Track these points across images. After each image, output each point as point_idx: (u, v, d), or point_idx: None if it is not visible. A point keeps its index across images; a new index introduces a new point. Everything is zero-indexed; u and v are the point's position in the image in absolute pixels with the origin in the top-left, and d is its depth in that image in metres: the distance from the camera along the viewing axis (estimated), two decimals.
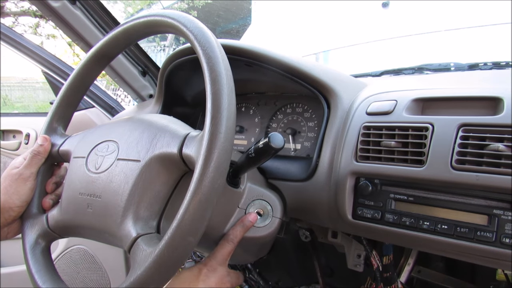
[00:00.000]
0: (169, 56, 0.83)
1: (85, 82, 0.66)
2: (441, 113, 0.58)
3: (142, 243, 0.45)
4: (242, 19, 6.65)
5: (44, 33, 4.81)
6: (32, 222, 0.59)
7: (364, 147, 0.62)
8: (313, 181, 0.67)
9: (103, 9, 1.05)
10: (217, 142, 0.42)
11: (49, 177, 0.64)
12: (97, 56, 0.63)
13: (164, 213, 0.51)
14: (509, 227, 0.50)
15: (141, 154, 0.50)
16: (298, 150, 0.81)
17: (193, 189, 0.41)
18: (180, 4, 6.51)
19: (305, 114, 0.83)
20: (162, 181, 0.51)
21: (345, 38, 1.79)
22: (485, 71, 0.87)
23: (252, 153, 0.54)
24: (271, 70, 0.73)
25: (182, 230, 0.41)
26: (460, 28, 1.35)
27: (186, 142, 0.48)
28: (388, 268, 0.78)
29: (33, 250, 0.57)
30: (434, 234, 0.55)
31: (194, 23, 0.49)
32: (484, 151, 0.51)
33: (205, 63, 0.46)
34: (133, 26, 0.57)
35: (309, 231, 0.85)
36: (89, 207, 0.53)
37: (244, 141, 0.91)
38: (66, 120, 0.67)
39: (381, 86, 0.72)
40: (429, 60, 1.01)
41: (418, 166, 0.56)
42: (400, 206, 0.59)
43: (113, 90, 4.90)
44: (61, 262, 1.39)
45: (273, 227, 0.62)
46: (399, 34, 1.50)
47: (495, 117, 0.52)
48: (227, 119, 0.43)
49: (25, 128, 1.44)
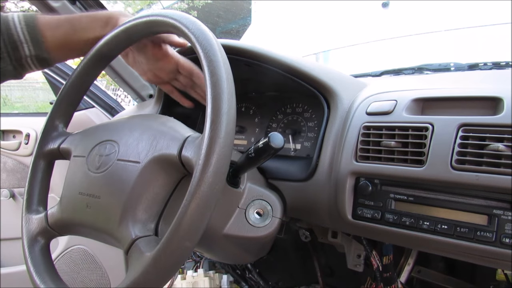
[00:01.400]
0: None
1: (85, 82, 0.66)
2: (441, 113, 0.58)
3: (140, 246, 0.45)
4: (242, 19, 6.66)
5: None
6: (32, 219, 0.59)
7: (364, 147, 0.62)
8: (313, 181, 0.67)
9: (103, 9, 1.05)
10: (216, 147, 0.41)
11: (50, 174, 0.64)
12: (97, 56, 0.63)
13: (162, 216, 0.51)
14: (509, 227, 0.50)
15: (141, 156, 0.50)
16: (298, 150, 0.81)
17: (191, 194, 0.41)
18: (180, 4, 6.52)
19: (305, 114, 0.83)
20: (160, 183, 0.50)
21: (345, 38, 1.79)
22: (485, 71, 0.87)
23: (252, 153, 0.54)
24: (271, 70, 0.73)
25: (179, 234, 0.41)
26: (460, 28, 1.35)
27: (185, 145, 0.48)
28: (388, 268, 0.78)
29: (32, 247, 0.57)
30: (434, 234, 0.55)
31: (195, 24, 0.49)
32: (484, 151, 0.51)
33: (206, 66, 0.46)
34: (134, 26, 0.57)
35: (309, 231, 0.85)
36: (88, 206, 0.53)
37: (244, 141, 0.91)
38: (67, 118, 0.67)
39: (381, 86, 0.72)
40: (429, 60, 1.02)
41: (418, 166, 0.56)
42: (400, 206, 0.59)
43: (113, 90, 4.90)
44: (61, 262, 1.39)
45: (273, 227, 0.62)
46: (399, 34, 1.50)
47: (495, 117, 0.52)
48: (227, 124, 0.43)
49: (25, 128, 1.44)
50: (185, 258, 0.43)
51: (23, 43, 0.64)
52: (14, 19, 0.64)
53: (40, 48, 0.65)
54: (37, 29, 0.64)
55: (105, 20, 0.67)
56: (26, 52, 0.64)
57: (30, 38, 0.64)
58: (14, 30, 0.63)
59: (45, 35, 0.65)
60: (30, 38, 0.64)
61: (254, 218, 0.62)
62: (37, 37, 0.64)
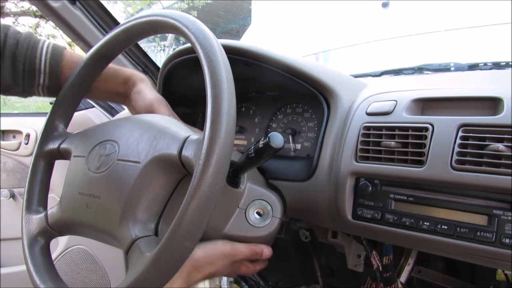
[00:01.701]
0: (169, 56, 0.83)
1: (85, 82, 0.66)
2: (441, 113, 0.58)
3: (140, 246, 0.45)
4: (242, 19, 6.66)
5: (44, 33, 4.81)
6: (32, 219, 0.59)
7: (364, 147, 0.62)
8: (313, 181, 0.67)
9: (103, 9, 1.05)
10: (216, 147, 0.41)
11: (50, 174, 0.64)
12: (97, 56, 0.63)
13: (162, 216, 0.51)
14: (509, 227, 0.50)
15: (141, 156, 0.50)
16: (298, 150, 0.81)
17: (191, 194, 0.41)
18: (180, 4, 6.52)
19: (305, 114, 0.83)
20: (160, 183, 0.50)
21: (345, 38, 1.79)
22: (485, 71, 0.87)
23: (252, 153, 0.54)
24: (271, 70, 0.73)
25: (179, 235, 0.41)
26: (460, 28, 1.35)
27: (185, 145, 0.48)
28: (388, 268, 0.78)
29: (32, 247, 0.57)
30: (434, 234, 0.55)
31: (196, 24, 0.49)
32: (484, 151, 0.51)
33: (206, 66, 0.46)
34: (134, 26, 0.57)
35: (309, 231, 0.85)
36: (88, 206, 0.53)
37: (244, 141, 0.91)
38: (67, 118, 0.67)
39: (381, 86, 0.72)
40: (429, 60, 1.02)
41: (418, 167, 0.56)
42: (400, 206, 0.59)
43: None
44: (61, 262, 1.39)
45: (273, 227, 0.62)
46: (399, 34, 1.50)
47: (495, 117, 0.52)
48: (227, 124, 0.43)
49: (25, 128, 1.44)
50: (185, 258, 0.43)
51: (41, 73, 0.66)
52: (43, 48, 0.66)
53: (55, 82, 0.67)
54: (59, 65, 0.66)
55: (125, 78, 0.70)
56: (40, 82, 0.66)
57: (50, 71, 0.66)
58: (39, 59, 0.65)
59: (63, 71, 0.67)
60: (50, 71, 0.66)
61: (254, 218, 0.62)
62: (56, 72, 0.66)
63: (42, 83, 0.66)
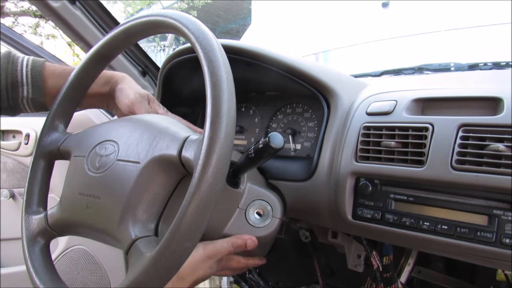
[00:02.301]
0: (169, 56, 0.83)
1: (85, 82, 0.65)
2: (441, 113, 0.58)
3: (140, 246, 0.45)
4: (242, 19, 6.66)
5: (44, 33, 4.81)
6: (32, 219, 0.59)
7: (364, 147, 0.62)
8: (313, 181, 0.67)
9: (103, 9, 1.04)
10: (216, 147, 0.41)
11: (50, 174, 0.64)
12: (97, 56, 0.63)
13: (162, 216, 0.51)
14: (509, 227, 0.50)
15: (141, 156, 0.50)
16: (298, 150, 0.81)
17: (190, 194, 0.41)
18: (180, 4, 6.52)
19: (305, 114, 0.83)
20: (160, 183, 0.50)
21: (345, 38, 1.79)
22: (485, 71, 0.87)
23: (252, 153, 0.54)
24: (271, 70, 0.73)
25: (179, 235, 0.41)
26: (460, 28, 1.35)
27: (185, 145, 0.48)
28: (388, 268, 0.78)
29: (32, 248, 0.57)
30: (434, 235, 0.55)
31: (195, 24, 0.49)
32: (484, 151, 0.51)
33: (206, 67, 0.46)
34: (134, 26, 0.57)
35: (309, 231, 0.85)
36: (88, 207, 0.53)
37: (244, 141, 0.91)
38: (67, 118, 0.67)
39: (381, 86, 0.72)
40: (429, 60, 1.01)
41: (418, 167, 0.56)
42: (400, 206, 0.59)
43: None
44: (61, 263, 1.39)
45: (273, 227, 0.62)
46: (399, 34, 1.50)
47: (495, 117, 0.52)
48: (227, 124, 0.43)
49: (25, 128, 1.44)
50: (185, 258, 0.43)
51: (24, 85, 0.66)
52: (23, 62, 0.67)
53: (38, 92, 0.68)
54: (40, 75, 0.67)
55: (107, 79, 0.71)
56: (24, 94, 0.67)
57: (32, 81, 0.67)
58: (20, 71, 0.66)
59: (46, 82, 0.68)
60: (32, 81, 0.67)
61: (254, 219, 0.62)
62: (38, 82, 0.67)
63: (26, 95, 0.67)
